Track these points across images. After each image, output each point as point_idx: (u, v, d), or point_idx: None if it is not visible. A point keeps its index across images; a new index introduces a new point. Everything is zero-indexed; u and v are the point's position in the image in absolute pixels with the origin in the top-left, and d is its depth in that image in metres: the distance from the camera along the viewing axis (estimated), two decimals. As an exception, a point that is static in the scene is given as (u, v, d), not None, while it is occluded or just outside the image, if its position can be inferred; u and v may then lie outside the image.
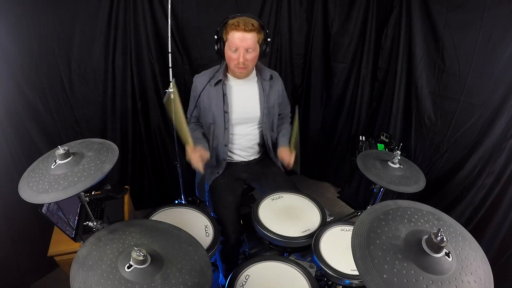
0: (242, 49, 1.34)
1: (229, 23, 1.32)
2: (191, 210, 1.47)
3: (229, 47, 1.35)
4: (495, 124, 1.61)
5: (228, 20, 1.34)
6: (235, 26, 1.29)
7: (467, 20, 1.62)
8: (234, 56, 1.36)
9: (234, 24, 1.29)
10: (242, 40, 1.31)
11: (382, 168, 1.41)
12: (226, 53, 1.39)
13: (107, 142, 1.13)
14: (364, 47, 2.18)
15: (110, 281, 0.76)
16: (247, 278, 1.16)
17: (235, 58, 1.36)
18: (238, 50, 1.34)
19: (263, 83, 1.55)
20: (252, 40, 1.33)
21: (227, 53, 1.38)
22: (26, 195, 0.93)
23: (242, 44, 1.32)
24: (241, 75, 1.48)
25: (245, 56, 1.36)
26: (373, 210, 0.88)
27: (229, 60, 1.40)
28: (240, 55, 1.34)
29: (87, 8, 1.65)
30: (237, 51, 1.34)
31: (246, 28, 1.29)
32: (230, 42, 1.33)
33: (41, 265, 1.82)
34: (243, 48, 1.34)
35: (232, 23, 1.30)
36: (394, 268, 0.72)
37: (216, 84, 1.49)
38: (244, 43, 1.32)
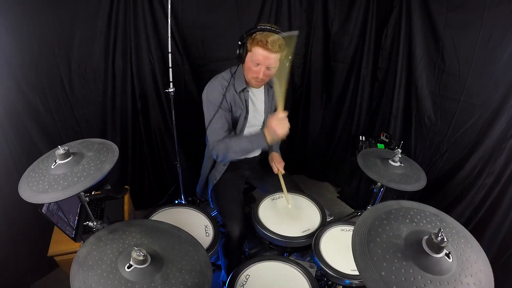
0: (264, 67, 1.34)
1: (257, 38, 1.29)
2: (191, 210, 1.47)
3: (252, 59, 1.34)
4: (495, 124, 1.61)
5: (257, 32, 1.30)
6: (262, 44, 1.27)
7: (467, 20, 1.62)
8: (255, 69, 1.35)
9: (262, 42, 1.27)
10: (265, 58, 1.31)
11: (383, 166, 1.41)
12: (247, 63, 1.37)
13: (107, 142, 1.13)
14: (364, 47, 2.18)
15: (110, 281, 0.76)
16: (247, 278, 1.16)
17: (254, 71, 1.36)
18: (259, 66, 1.34)
19: (269, 90, 1.58)
20: (275, 59, 1.33)
21: (247, 63, 1.37)
22: (26, 195, 0.93)
23: (264, 62, 1.32)
24: (256, 86, 1.49)
25: (266, 72, 1.36)
26: (376, 209, 0.88)
27: (248, 70, 1.39)
28: (260, 72, 1.35)
29: (87, 8, 1.65)
30: (259, 66, 1.35)
31: (273, 50, 1.28)
32: (254, 56, 1.32)
33: (41, 265, 1.82)
34: (265, 66, 1.33)
35: (260, 40, 1.28)
36: (393, 266, 0.73)
37: (240, 91, 1.48)
38: (267, 61, 1.32)
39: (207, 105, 1.46)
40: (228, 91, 1.44)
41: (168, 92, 1.70)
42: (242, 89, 1.47)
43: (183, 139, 2.05)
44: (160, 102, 2.04)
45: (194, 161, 2.24)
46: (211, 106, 1.45)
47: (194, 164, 2.24)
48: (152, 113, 2.06)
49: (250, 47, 1.32)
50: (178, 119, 1.82)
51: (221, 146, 1.44)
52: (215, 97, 1.44)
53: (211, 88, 1.46)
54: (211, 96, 1.44)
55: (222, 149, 1.44)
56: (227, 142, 1.44)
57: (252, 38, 1.30)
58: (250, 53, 1.33)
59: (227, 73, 1.50)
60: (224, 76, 1.48)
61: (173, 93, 1.71)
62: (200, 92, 1.51)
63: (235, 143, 1.43)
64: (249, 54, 1.34)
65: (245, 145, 1.43)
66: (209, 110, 1.46)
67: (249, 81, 1.44)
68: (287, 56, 1.34)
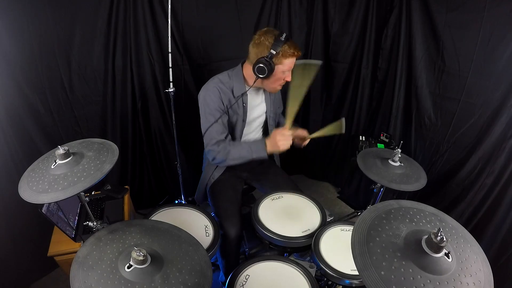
0: (290, 71, 1.41)
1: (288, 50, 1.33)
2: (191, 210, 1.47)
3: (283, 70, 1.38)
4: (495, 124, 1.61)
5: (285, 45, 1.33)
6: (295, 55, 1.35)
7: (467, 20, 1.62)
8: (283, 76, 1.40)
9: (294, 53, 1.34)
10: (293, 64, 1.39)
11: (383, 166, 1.41)
12: (277, 75, 1.39)
13: (107, 142, 1.13)
14: (364, 47, 2.17)
15: (110, 281, 0.76)
16: (247, 278, 1.16)
17: (282, 78, 1.41)
18: (286, 72, 1.40)
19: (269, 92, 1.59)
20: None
21: (277, 75, 1.39)
22: (26, 195, 0.93)
23: (291, 67, 1.40)
24: (276, 91, 1.55)
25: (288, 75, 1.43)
26: (375, 208, 0.88)
27: (276, 81, 1.42)
28: (288, 76, 1.41)
29: (87, 8, 1.65)
30: (285, 73, 1.40)
31: (299, 55, 1.37)
32: (286, 66, 1.37)
33: (41, 265, 1.82)
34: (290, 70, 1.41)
35: (292, 52, 1.34)
36: (392, 265, 0.72)
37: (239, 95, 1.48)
38: (292, 66, 1.40)
39: (203, 108, 1.45)
40: (225, 94, 1.44)
41: (168, 92, 1.70)
42: (242, 94, 1.47)
43: (183, 139, 2.05)
44: (160, 102, 2.04)
45: (194, 161, 2.24)
46: (208, 109, 1.44)
47: (194, 164, 2.24)
48: (152, 113, 2.06)
49: (281, 60, 1.35)
50: (178, 119, 1.81)
51: (221, 152, 1.44)
52: (212, 100, 1.43)
53: (208, 91, 1.44)
54: (209, 99, 1.43)
55: (221, 155, 1.44)
56: (227, 148, 1.44)
57: (281, 52, 1.32)
58: (281, 66, 1.36)
59: (225, 76, 1.48)
60: (222, 79, 1.47)
61: (173, 93, 1.71)
62: (200, 92, 1.51)
63: (235, 150, 1.44)
64: (279, 67, 1.37)
65: (245, 153, 1.44)
66: (205, 113, 1.45)
67: (272, 89, 1.48)
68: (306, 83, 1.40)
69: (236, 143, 1.49)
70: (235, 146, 1.45)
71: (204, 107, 1.45)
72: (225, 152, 1.44)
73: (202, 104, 1.46)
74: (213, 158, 1.48)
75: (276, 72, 1.36)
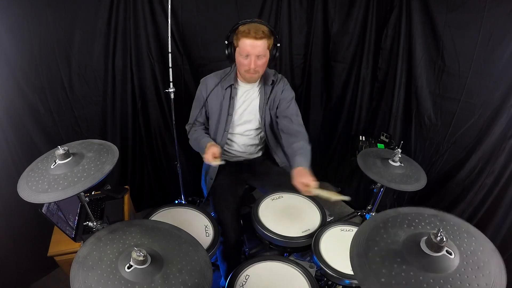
0: (253, 56, 1.35)
1: (240, 30, 1.33)
2: (191, 210, 1.47)
3: (240, 53, 1.36)
4: (495, 124, 1.61)
5: (239, 26, 1.34)
6: (246, 33, 1.31)
7: (467, 20, 1.62)
8: (245, 62, 1.38)
9: (245, 32, 1.31)
10: (253, 47, 1.33)
11: (383, 166, 1.41)
12: (237, 59, 1.40)
13: (107, 143, 1.13)
14: (364, 47, 2.17)
15: (110, 281, 0.76)
16: (247, 278, 1.16)
17: (246, 64, 1.38)
18: (249, 57, 1.36)
19: (265, 87, 1.58)
20: (263, 46, 1.34)
21: (237, 59, 1.39)
22: (25, 195, 0.93)
23: (253, 51, 1.33)
24: (252, 79, 1.50)
25: (256, 62, 1.37)
26: (373, 219, 0.88)
27: (239, 65, 1.41)
28: (251, 62, 1.36)
29: (87, 8, 1.65)
30: (248, 57, 1.36)
31: (257, 36, 1.31)
32: (241, 48, 1.34)
33: (41, 265, 1.82)
34: (254, 55, 1.35)
35: (243, 30, 1.31)
36: (392, 271, 0.72)
37: (227, 87, 1.52)
38: (255, 50, 1.33)
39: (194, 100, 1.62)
40: (210, 86, 1.52)
41: (168, 92, 1.70)
42: (229, 85, 1.51)
43: (183, 139, 2.05)
44: (160, 102, 2.04)
45: (194, 161, 2.24)
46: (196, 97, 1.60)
47: (194, 164, 2.24)
48: (152, 113, 2.06)
49: (236, 42, 1.36)
50: (178, 119, 1.81)
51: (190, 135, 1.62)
52: (199, 91, 1.57)
53: (200, 85, 1.57)
54: (198, 92, 1.58)
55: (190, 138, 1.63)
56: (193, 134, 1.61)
57: (236, 32, 1.34)
58: (238, 48, 1.37)
59: (222, 71, 1.55)
60: (218, 73, 1.55)
61: (173, 93, 1.71)
62: (200, 92, 1.52)
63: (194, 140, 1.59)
64: (237, 50, 1.38)
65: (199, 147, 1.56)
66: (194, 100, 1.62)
67: (244, 76, 1.47)
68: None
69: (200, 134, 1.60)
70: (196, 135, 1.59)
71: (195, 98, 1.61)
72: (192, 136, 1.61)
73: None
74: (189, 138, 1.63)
75: (236, 55, 1.39)
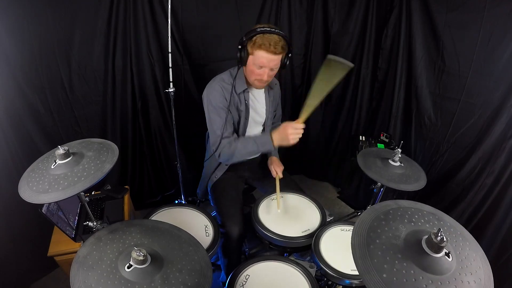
0: (268, 69, 1.34)
1: (258, 41, 1.28)
2: (191, 210, 1.47)
3: (254, 63, 1.33)
4: (495, 124, 1.61)
5: (257, 35, 1.28)
6: (265, 47, 1.27)
7: (467, 20, 1.62)
8: (258, 72, 1.35)
9: (264, 45, 1.27)
10: (269, 61, 1.31)
11: (383, 166, 1.41)
12: (249, 66, 1.36)
13: (107, 142, 1.13)
14: (364, 47, 2.18)
15: (110, 281, 0.76)
16: (247, 278, 1.16)
17: (258, 74, 1.36)
18: (263, 68, 1.34)
19: (269, 90, 1.59)
20: (278, 60, 1.33)
21: (250, 66, 1.36)
22: (26, 195, 0.93)
23: (268, 64, 1.32)
24: (260, 87, 1.48)
25: (269, 74, 1.36)
26: (374, 210, 0.88)
27: (251, 73, 1.38)
28: (264, 74, 1.35)
29: (87, 8, 1.64)
30: (262, 69, 1.35)
31: (276, 51, 1.28)
32: (256, 59, 1.31)
33: (41, 265, 1.82)
34: (269, 68, 1.34)
35: (262, 43, 1.27)
36: (394, 267, 0.72)
37: (240, 92, 1.47)
38: (271, 64, 1.32)
39: (208, 107, 1.45)
40: (228, 92, 1.44)
41: (168, 92, 1.70)
42: (243, 90, 1.47)
43: (183, 139, 2.05)
44: (160, 102, 2.04)
45: (194, 161, 2.24)
46: (211, 107, 1.44)
47: (194, 164, 2.24)
48: (152, 113, 2.06)
49: (251, 50, 1.31)
50: (178, 119, 1.81)
51: (226, 147, 1.43)
52: (216, 99, 1.43)
53: (212, 89, 1.45)
54: (213, 98, 1.43)
55: (227, 150, 1.44)
56: (233, 144, 1.44)
57: (253, 41, 1.29)
58: (252, 56, 1.33)
59: (227, 74, 1.48)
60: (224, 77, 1.47)
61: (173, 93, 1.71)
62: (201, 92, 1.51)
63: (241, 146, 1.43)
64: (251, 57, 1.34)
65: (251, 148, 1.43)
66: (209, 111, 1.45)
67: (252, 82, 1.44)
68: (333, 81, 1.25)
69: (241, 139, 1.48)
70: (241, 142, 1.45)
71: (208, 105, 1.45)
72: (231, 148, 1.43)
73: (206, 102, 1.46)
74: (219, 154, 1.47)
75: (248, 62, 1.35)
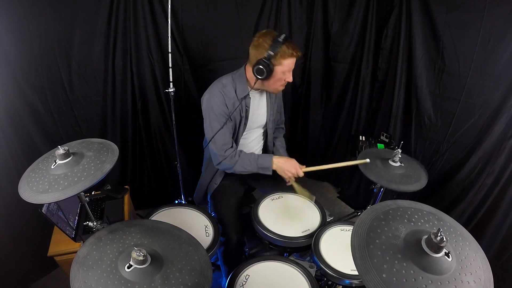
0: (291, 72, 1.41)
1: (287, 51, 1.32)
2: (191, 210, 1.47)
3: (283, 71, 1.37)
4: (495, 124, 1.61)
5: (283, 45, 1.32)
6: (294, 55, 1.34)
7: (467, 20, 1.62)
8: (285, 77, 1.40)
9: (292, 54, 1.33)
10: (293, 63, 1.39)
11: (383, 167, 1.41)
12: (277, 76, 1.37)
13: (107, 142, 1.13)
14: (364, 47, 2.17)
15: (110, 281, 0.76)
16: (247, 278, 1.16)
17: (283, 78, 1.40)
18: (288, 72, 1.40)
19: (270, 94, 1.59)
20: None
21: (277, 76, 1.37)
22: (26, 195, 0.93)
23: (293, 67, 1.40)
24: (278, 92, 1.54)
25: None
26: (373, 209, 0.88)
27: (277, 81, 1.40)
28: (290, 76, 1.41)
29: (87, 8, 1.64)
30: (287, 73, 1.40)
31: (299, 54, 1.36)
32: (286, 67, 1.36)
33: (41, 265, 1.82)
34: (291, 70, 1.40)
35: (292, 52, 1.33)
36: (394, 267, 0.72)
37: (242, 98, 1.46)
38: (293, 66, 1.40)
39: (208, 112, 1.44)
40: (229, 99, 1.43)
41: (168, 92, 1.70)
42: (244, 96, 1.45)
43: (183, 139, 2.05)
44: (160, 102, 2.04)
45: (194, 161, 2.24)
46: (212, 114, 1.42)
47: (194, 164, 2.24)
48: (152, 113, 2.06)
49: (280, 61, 1.33)
50: (178, 119, 1.81)
51: (227, 158, 1.46)
52: (217, 104, 1.41)
53: (212, 95, 1.43)
54: (213, 103, 1.41)
55: (227, 161, 1.46)
56: (234, 158, 1.46)
57: (279, 52, 1.31)
58: (281, 66, 1.35)
59: (229, 79, 1.46)
60: (226, 82, 1.44)
61: (173, 93, 1.71)
62: (201, 92, 1.51)
63: (241, 162, 1.46)
64: (279, 68, 1.35)
65: (251, 167, 1.47)
66: (210, 118, 1.43)
67: (274, 90, 1.47)
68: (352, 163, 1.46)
69: (244, 155, 1.48)
70: (242, 158, 1.47)
71: (209, 111, 1.43)
72: (232, 160, 1.46)
73: (206, 108, 1.44)
74: (218, 162, 1.48)
75: (275, 73, 1.35)
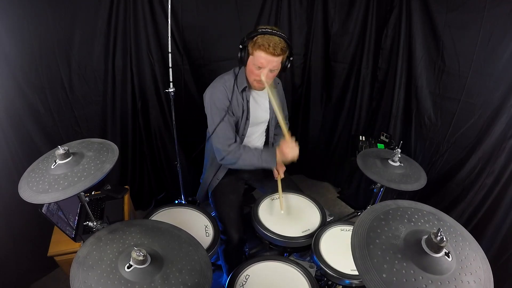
0: (267, 70, 1.33)
1: (259, 41, 1.27)
2: (191, 210, 1.47)
3: (254, 63, 1.32)
4: (495, 124, 1.61)
5: (258, 35, 1.28)
6: (264, 47, 1.27)
7: (467, 20, 1.62)
8: (257, 72, 1.34)
9: (264, 46, 1.26)
10: (268, 62, 1.30)
11: (383, 166, 1.41)
12: (249, 66, 1.35)
13: (107, 142, 1.13)
14: (364, 47, 2.17)
15: (110, 281, 0.76)
16: (247, 278, 1.16)
17: (257, 74, 1.35)
18: (262, 69, 1.33)
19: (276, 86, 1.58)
20: (278, 62, 1.32)
21: (249, 66, 1.35)
22: (26, 195, 0.93)
23: (267, 65, 1.31)
24: (259, 88, 1.46)
25: (268, 75, 1.35)
26: (373, 209, 0.88)
27: (250, 73, 1.38)
28: (263, 75, 1.34)
29: (87, 8, 1.65)
30: (261, 69, 1.34)
31: (275, 53, 1.28)
32: (256, 60, 1.31)
33: (41, 265, 1.82)
34: (268, 69, 1.33)
35: (262, 43, 1.26)
36: (394, 267, 0.72)
37: (242, 91, 1.46)
38: (270, 65, 1.31)
39: (210, 107, 1.43)
40: (231, 93, 1.42)
41: (168, 92, 1.70)
42: (244, 88, 1.45)
43: (183, 139, 2.05)
44: (160, 102, 2.04)
45: (194, 161, 2.24)
46: (215, 107, 1.42)
47: (194, 164, 2.24)
48: (152, 113, 2.06)
49: (251, 50, 1.31)
50: (178, 119, 1.81)
51: (231, 153, 1.43)
52: (220, 100, 1.41)
53: (214, 89, 1.43)
54: (217, 100, 1.41)
55: (231, 156, 1.44)
56: (238, 152, 1.44)
57: (254, 41, 1.29)
58: (252, 57, 1.32)
59: (230, 74, 1.47)
60: (227, 78, 1.45)
61: (173, 93, 1.71)
62: (201, 92, 1.51)
63: (245, 156, 1.44)
64: (250, 58, 1.33)
65: (255, 161, 1.44)
66: (212, 112, 1.43)
67: (251, 83, 1.43)
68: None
69: (247, 149, 1.47)
70: (246, 152, 1.45)
71: (211, 105, 1.42)
72: (235, 155, 1.43)
73: (208, 102, 1.44)
74: (222, 158, 1.46)
75: (248, 62, 1.35)
